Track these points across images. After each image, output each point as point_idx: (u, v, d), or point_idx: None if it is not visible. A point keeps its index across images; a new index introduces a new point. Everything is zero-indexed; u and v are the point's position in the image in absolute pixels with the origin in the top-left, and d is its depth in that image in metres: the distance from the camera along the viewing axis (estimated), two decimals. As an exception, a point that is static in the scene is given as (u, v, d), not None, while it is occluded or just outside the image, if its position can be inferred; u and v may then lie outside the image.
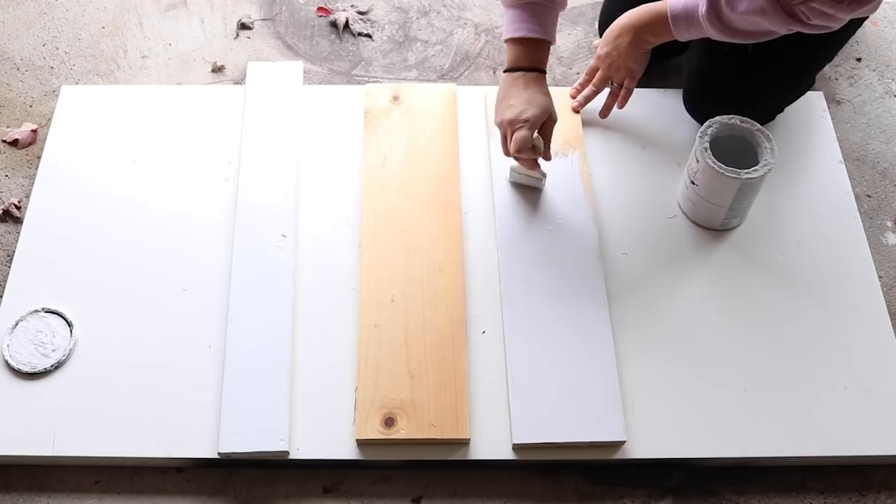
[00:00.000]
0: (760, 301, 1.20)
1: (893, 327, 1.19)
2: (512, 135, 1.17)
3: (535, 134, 1.18)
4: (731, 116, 1.21)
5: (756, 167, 1.17)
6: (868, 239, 1.27)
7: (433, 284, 1.19)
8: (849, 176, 1.34)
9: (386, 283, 1.19)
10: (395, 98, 1.37)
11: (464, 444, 1.08)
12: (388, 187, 1.28)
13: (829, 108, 1.42)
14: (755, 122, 1.20)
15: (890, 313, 1.21)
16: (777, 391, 1.13)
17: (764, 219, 1.27)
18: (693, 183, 1.21)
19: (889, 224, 1.33)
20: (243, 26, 1.53)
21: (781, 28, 1.12)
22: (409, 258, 1.21)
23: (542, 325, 1.15)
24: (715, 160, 1.17)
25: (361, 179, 1.29)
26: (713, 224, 1.25)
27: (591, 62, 1.33)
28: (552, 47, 1.24)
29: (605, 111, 1.35)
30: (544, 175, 1.25)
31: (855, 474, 1.11)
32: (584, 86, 1.36)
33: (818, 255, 1.25)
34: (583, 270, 1.20)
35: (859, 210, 1.30)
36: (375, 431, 1.07)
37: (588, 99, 1.35)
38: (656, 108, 1.37)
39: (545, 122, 1.19)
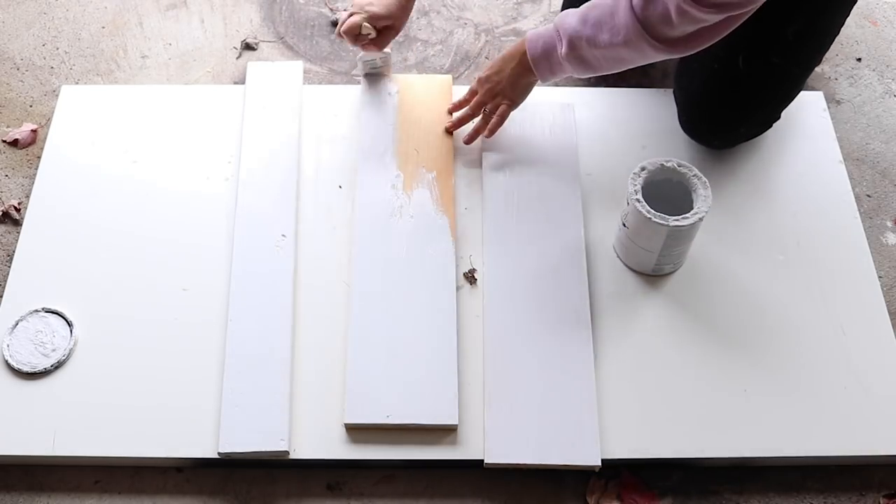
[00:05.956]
0: (760, 301, 1.20)
1: (893, 327, 1.19)
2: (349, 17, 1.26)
3: (368, 25, 1.25)
4: (668, 159, 1.15)
5: (686, 215, 1.11)
6: (868, 239, 1.27)
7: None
8: (849, 176, 1.34)
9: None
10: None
11: (451, 430, 1.08)
12: (388, 187, 1.28)
13: (829, 108, 1.41)
14: (692, 167, 1.14)
15: (890, 313, 1.21)
16: (777, 391, 1.13)
17: (764, 218, 1.27)
18: (624, 225, 1.17)
19: (889, 224, 1.33)
20: (248, 46, 1.52)
21: (646, 56, 1.09)
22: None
23: (522, 338, 1.13)
24: (644, 204, 1.11)
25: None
26: (645, 269, 1.20)
27: (473, 84, 1.28)
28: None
29: (470, 137, 1.28)
30: (383, 55, 1.34)
31: (855, 474, 1.11)
32: (460, 106, 1.30)
33: (818, 255, 1.25)
34: (568, 279, 1.19)
35: (859, 210, 1.30)
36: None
37: (462, 122, 1.30)
38: (656, 108, 1.37)
39: (384, 23, 1.26)
